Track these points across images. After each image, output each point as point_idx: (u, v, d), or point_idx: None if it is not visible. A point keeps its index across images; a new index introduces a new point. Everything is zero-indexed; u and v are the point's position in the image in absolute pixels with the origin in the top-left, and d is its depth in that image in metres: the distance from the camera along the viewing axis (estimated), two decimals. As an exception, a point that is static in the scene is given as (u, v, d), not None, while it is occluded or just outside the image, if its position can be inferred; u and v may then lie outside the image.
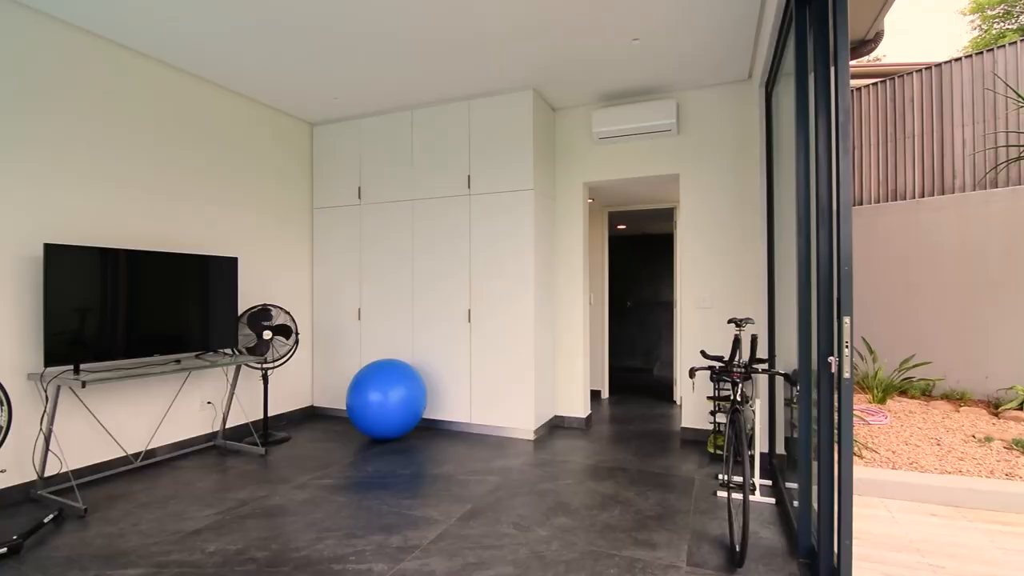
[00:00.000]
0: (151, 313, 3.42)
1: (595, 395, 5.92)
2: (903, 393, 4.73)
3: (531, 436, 4.21)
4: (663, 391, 6.34)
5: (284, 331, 4.15)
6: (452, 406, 4.47)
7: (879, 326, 5.02)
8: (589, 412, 4.74)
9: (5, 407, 2.82)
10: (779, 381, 3.36)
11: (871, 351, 4.82)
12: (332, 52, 3.60)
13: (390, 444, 4.10)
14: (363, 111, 4.75)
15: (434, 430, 4.50)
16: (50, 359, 2.91)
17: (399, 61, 3.74)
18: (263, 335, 4.03)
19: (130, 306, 3.31)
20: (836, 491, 1.86)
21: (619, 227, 7.84)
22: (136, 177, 3.58)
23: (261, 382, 4.51)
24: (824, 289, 1.99)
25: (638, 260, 8.52)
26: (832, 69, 1.94)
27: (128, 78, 3.54)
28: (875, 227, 5.27)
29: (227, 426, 4.17)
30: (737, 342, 2.96)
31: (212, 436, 4.12)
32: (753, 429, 3.23)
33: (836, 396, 1.84)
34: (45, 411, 3.02)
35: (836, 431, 1.85)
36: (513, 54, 3.64)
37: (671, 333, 8.21)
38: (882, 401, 4.44)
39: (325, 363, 5.04)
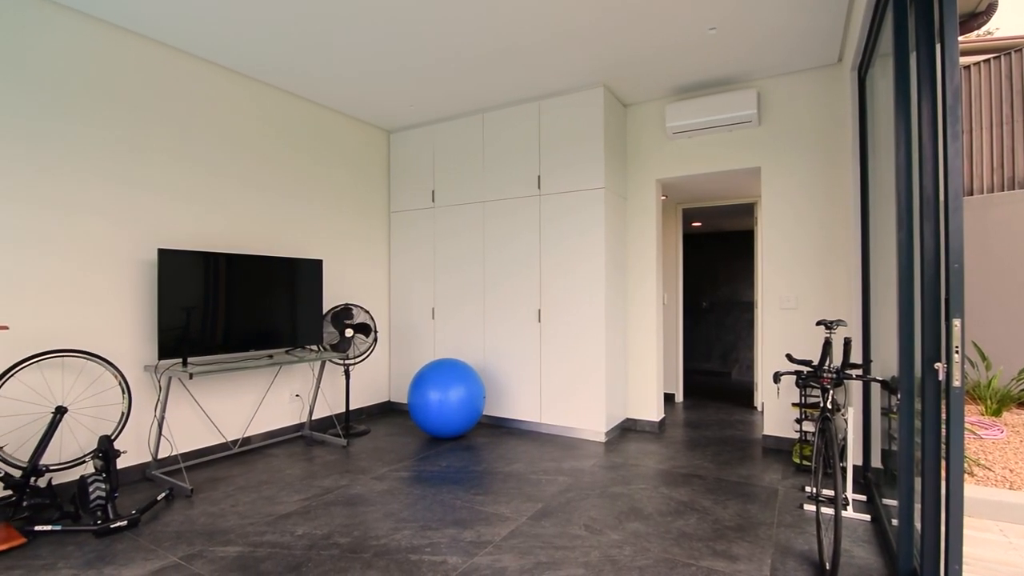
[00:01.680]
0: (246, 311, 3.70)
1: (669, 398, 5.74)
2: (1022, 405, 4.22)
3: (602, 438, 4.15)
4: (743, 396, 6.04)
5: (364, 329, 4.36)
6: (521, 405, 4.50)
7: (993, 330, 4.51)
8: (662, 416, 4.61)
9: (126, 395, 3.16)
10: (875, 388, 3.11)
11: (983, 357, 4.34)
12: (408, 61, 3.73)
13: (460, 441, 4.19)
14: (436, 116, 4.89)
15: (503, 428, 4.55)
16: (163, 352, 3.22)
17: (471, 65, 3.82)
18: (345, 333, 4.25)
19: (228, 305, 3.59)
20: (943, 511, 1.69)
21: (694, 224, 7.56)
22: (232, 186, 3.90)
23: (343, 377, 4.77)
24: (930, 289, 1.82)
25: (715, 258, 8.17)
26: (938, 46, 1.77)
27: (227, 96, 3.85)
28: (988, 220, 4.73)
29: (313, 418, 4.44)
30: (828, 345, 2.76)
31: (299, 427, 4.40)
32: (845, 439, 3.01)
33: (943, 406, 1.68)
34: (158, 400, 3.35)
35: (944, 445, 1.68)
36: (584, 52, 3.61)
37: (751, 335, 7.84)
38: (997, 413, 3.98)
39: (401, 360, 5.23)
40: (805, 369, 2.51)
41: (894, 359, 2.23)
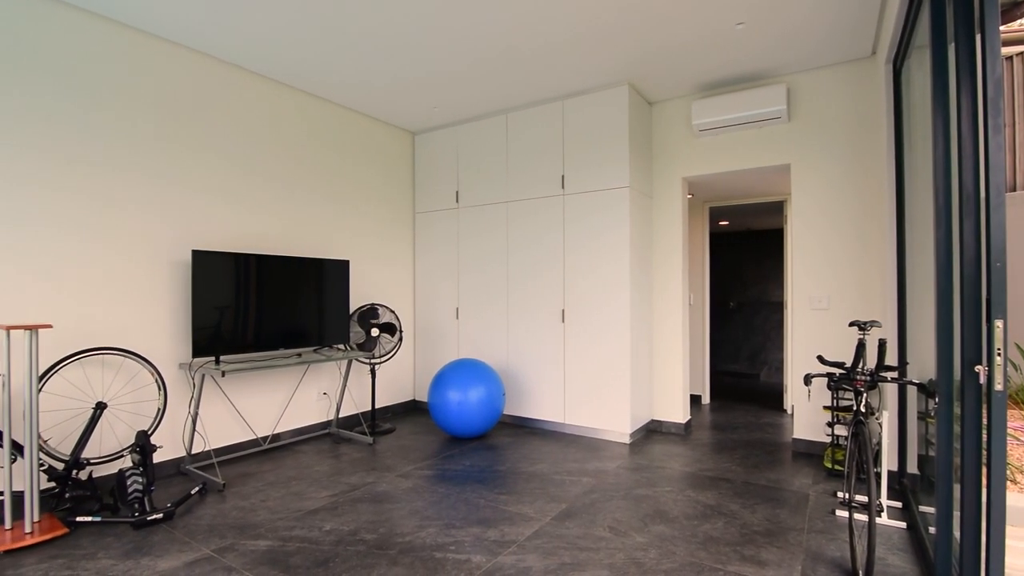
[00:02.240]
0: (276, 311, 3.79)
1: (695, 400, 5.66)
2: (1074, 411, 4.02)
3: (626, 439, 4.12)
4: (771, 398, 5.91)
5: (390, 329, 4.41)
6: (545, 405, 4.49)
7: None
8: (688, 418, 4.54)
9: (162, 392, 3.27)
10: (911, 391, 3.01)
11: (1030, 360, 4.15)
12: (432, 62, 3.76)
13: (483, 440, 4.20)
14: (460, 118, 4.92)
15: (526, 428, 4.55)
16: (196, 351, 3.32)
17: (494, 67, 3.83)
18: (371, 332, 4.31)
19: (258, 304, 3.68)
20: (984, 520, 1.62)
21: (721, 223, 7.43)
22: (262, 189, 3.99)
23: (369, 376, 4.84)
24: (970, 288, 1.75)
25: (743, 257, 8.02)
26: (978, 36, 1.70)
27: (255, 101, 3.95)
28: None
29: (340, 416, 4.51)
30: (861, 347, 2.69)
31: (327, 424, 4.48)
32: (880, 444, 2.92)
33: (985, 411, 1.61)
34: (192, 396, 3.45)
35: (985, 451, 1.62)
36: (609, 50, 3.59)
37: (781, 336, 7.67)
38: (1045, 419, 3.81)
39: (426, 359, 5.28)
40: (838, 371, 2.45)
41: (931, 361, 2.16)
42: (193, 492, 2.96)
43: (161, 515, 2.67)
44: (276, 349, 3.77)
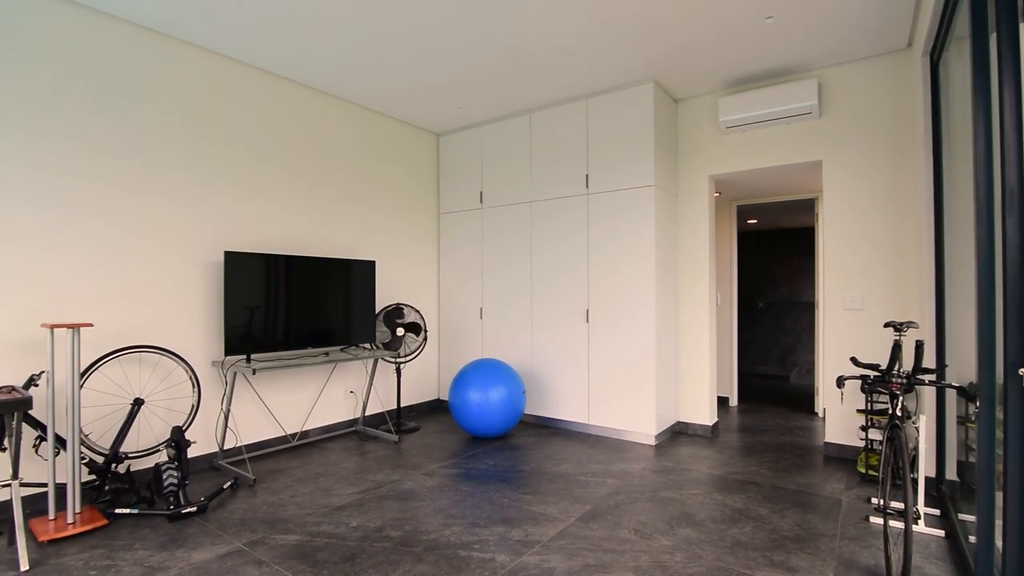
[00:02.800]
0: (304, 310, 3.86)
1: (722, 402, 5.56)
2: None
3: (652, 441, 4.07)
4: (802, 401, 5.78)
5: (415, 328, 4.46)
6: (569, 405, 4.47)
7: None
8: (716, 420, 4.47)
9: (196, 389, 3.37)
10: (950, 395, 2.90)
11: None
12: (456, 65, 3.78)
13: (507, 440, 4.21)
14: (484, 118, 4.94)
15: (550, 428, 4.54)
16: (228, 349, 3.41)
17: (518, 67, 3.83)
18: (396, 332, 4.36)
19: (288, 304, 3.76)
20: (1030, 529, 1.56)
21: (749, 222, 7.29)
22: (290, 191, 4.07)
23: (395, 375, 4.90)
24: (1013, 287, 1.68)
25: (772, 257, 7.86)
26: (1022, 26, 1.63)
27: (284, 105, 4.03)
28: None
29: (366, 414, 4.58)
30: (897, 349, 2.60)
31: (353, 422, 4.55)
32: (916, 449, 2.83)
33: (1030, 416, 1.54)
34: (224, 393, 3.55)
35: (1030, 457, 1.55)
36: (633, 47, 3.56)
37: (812, 337, 7.49)
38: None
39: (450, 358, 5.31)
40: (872, 373, 2.38)
41: (972, 364, 2.08)
42: (225, 487, 3.04)
43: (195, 508, 2.75)
44: (304, 348, 3.85)
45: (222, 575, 2.18)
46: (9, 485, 2.25)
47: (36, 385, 2.65)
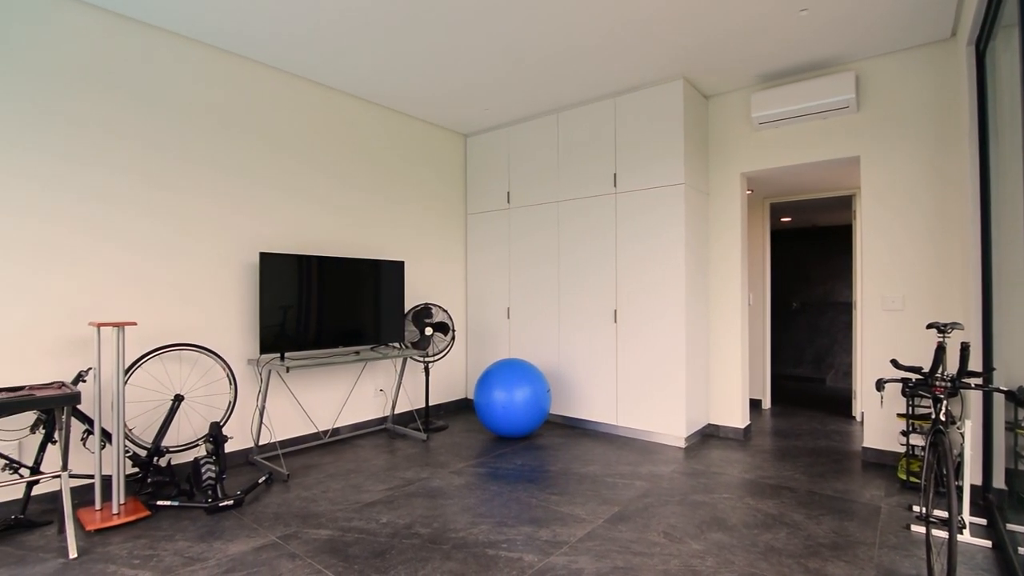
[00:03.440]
0: (335, 310, 3.94)
1: (755, 405, 5.44)
2: None
3: (681, 443, 4.01)
4: (839, 404, 5.61)
5: (443, 328, 4.50)
6: (596, 406, 4.44)
7: None
8: (748, 423, 4.38)
9: (233, 386, 3.47)
10: (998, 400, 2.77)
11: None
12: (484, 66, 3.80)
13: (534, 439, 4.21)
14: (511, 119, 4.95)
15: (577, 429, 4.51)
16: (263, 347, 3.50)
17: (545, 67, 3.82)
18: (425, 331, 4.40)
19: (320, 304, 3.84)
20: (1087, 542, 1.48)
21: (783, 220, 7.12)
22: (321, 193, 4.16)
23: (423, 374, 4.95)
24: (1067, 288, 1.60)
25: (807, 255, 7.64)
26: (1079, 12, 1.55)
27: (316, 109, 4.12)
28: None
29: (395, 412, 4.64)
30: (941, 351, 2.50)
31: (383, 420, 4.62)
32: (961, 456, 2.71)
33: (1087, 422, 1.46)
34: (260, 391, 3.65)
35: (1087, 466, 1.47)
36: (662, 44, 3.51)
37: (849, 338, 7.26)
38: None
39: (477, 358, 5.34)
40: (914, 376, 2.30)
41: (1022, 367, 1.98)
42: (260, 481, 3.12)
43: (231, 502, 2.84)
44: (336, 347, 3.92)
45: (257, 567, 2.24)
46: (59, 476, 2.36)
47: (84, 381, 2.77)
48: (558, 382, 4.69)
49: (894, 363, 2.42)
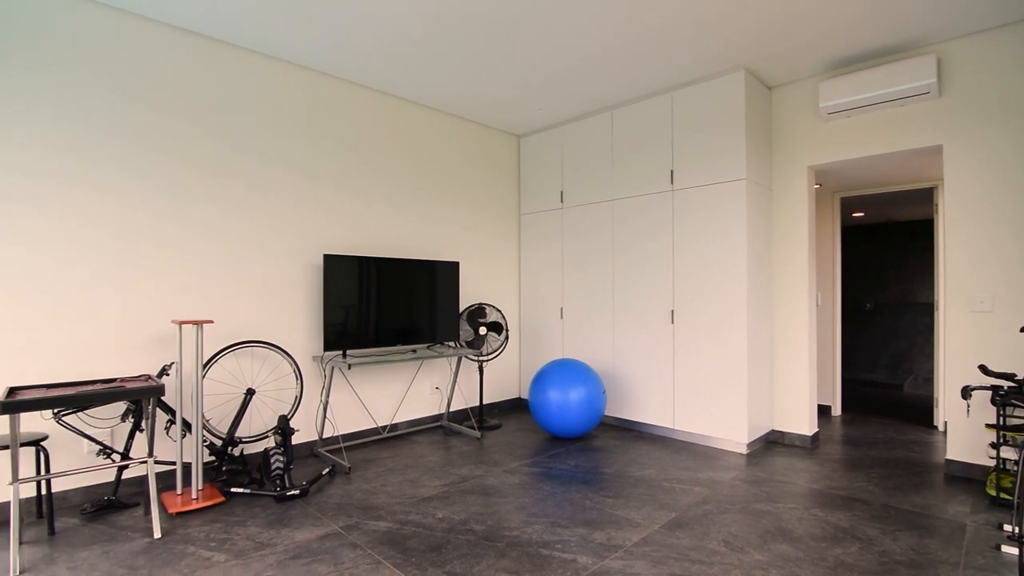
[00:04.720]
0: (393, 309, 4.06)
1: (824, 411, 5.16)
2: None
3: (743, 449, 3.86)
4: (918, 413, 5.22)
5: (496, 328, 4.54)
6: (652, 409, 4.35)
7: None
8: (816, 430, 4.15)
9: (299, 381, 3.64)
10: (1109, 412, 2.50)
11: None
12: (539, 65, 3.80)
13: (587, 441, 4.17)
14: (564, 118, 4.93)
15: (632, 432, 4.43)
16: (327, 345, 3.66)
17: (599, 63, 3.78)
18: (479, 331, 4.46)
19: (379, 303, 3.97)
20: None
21: (855, 215, 6.70)
22: (379, 196, 4.29)
23: (477, 373, 5.02)
24: None
25: (881, 253, 7.17)
26: None
27: (375, 115, 4.26)
28: None
29: (450, 410, 4.73)
30: (1035, 356, 2.29)
31: (438, 417, 4.71)
32: (1063, 472, 2.46)
33: None
34: (324, 386, 3.82)
35: None
36: (721, 34, 3.39)
37: (930, 342, 6.75)
38: None
39: (531, 358, 5.35)
40: (1006, 384, 2.11)
41: None
42: (324, 473, 3.27)
43: (298, 491, 2.98)
44: (394, 345, 4.04)
45: (321, 555, 2.35)
46: (146, 462, 2.57)
47: (167, 374, 3.00)
48: (613, 383, 4.62)
49: (983, 369, 2.23)
